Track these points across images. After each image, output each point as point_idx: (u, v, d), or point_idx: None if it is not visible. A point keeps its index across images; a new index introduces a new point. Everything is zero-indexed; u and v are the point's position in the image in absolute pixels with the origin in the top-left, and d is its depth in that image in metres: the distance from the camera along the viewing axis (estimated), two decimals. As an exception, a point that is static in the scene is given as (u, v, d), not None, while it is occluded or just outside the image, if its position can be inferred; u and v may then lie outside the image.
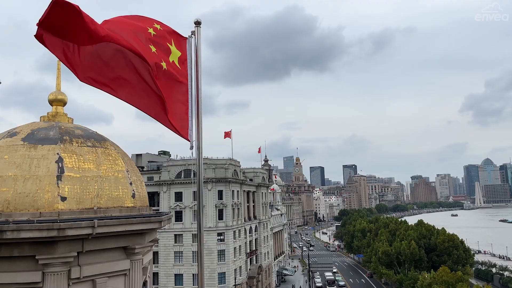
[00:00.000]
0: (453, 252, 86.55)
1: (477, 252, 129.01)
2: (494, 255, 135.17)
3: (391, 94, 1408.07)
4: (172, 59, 6.91)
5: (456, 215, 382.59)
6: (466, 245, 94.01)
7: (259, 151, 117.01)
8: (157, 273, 70.41)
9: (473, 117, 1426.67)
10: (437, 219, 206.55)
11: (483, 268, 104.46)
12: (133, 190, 9.70)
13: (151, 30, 6.75)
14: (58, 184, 8.37)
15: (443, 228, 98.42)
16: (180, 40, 7.10)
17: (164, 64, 6.68)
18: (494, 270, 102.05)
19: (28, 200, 8.15)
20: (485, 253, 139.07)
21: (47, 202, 8.20)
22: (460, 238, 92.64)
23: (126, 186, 9.51)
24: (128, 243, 9.00)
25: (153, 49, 6.63)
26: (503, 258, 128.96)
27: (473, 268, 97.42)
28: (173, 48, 6.95)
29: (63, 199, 8.33)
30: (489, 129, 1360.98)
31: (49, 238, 7.60)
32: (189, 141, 6.79)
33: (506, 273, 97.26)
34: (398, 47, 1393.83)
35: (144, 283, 10.20)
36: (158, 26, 6.89)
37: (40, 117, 10.18)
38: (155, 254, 69.29)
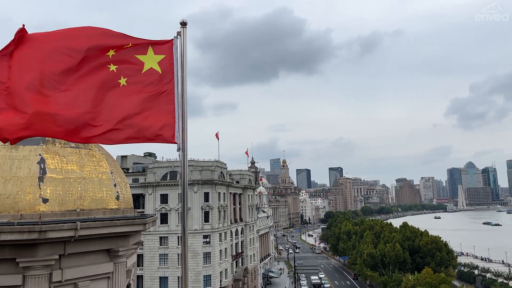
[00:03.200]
0: (436, 254, 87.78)
1: (459, 254, 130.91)
2: (476, 257, 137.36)
3: (379, 97, 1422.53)
4: (150, 66, 6.85)
5: (439, 218, 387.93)
6: (449, 247, 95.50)
7: (247, 154, 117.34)
8: (142, 276, 69.78)
9: (457, 120, 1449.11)
10: (421, 222, 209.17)
11: (466, 270, 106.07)
12: (117, 192, 9.59)
13: (110, 53, 6.66)
14: (39, 185, 8.23)
15: (426, 230, 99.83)
16: (162, 44, 7.04)
17: (123, 81, 6.63)
18: (476, 271, 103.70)
19: (8, 202, 8.00)
20: (467, 255, 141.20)
21: (28, 204, 8.06)
22: (443, 240, 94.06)
23: (110, 187, 9.41)
24: (111, 246, 8.90)
25: (112, 68, 6.59)
26: (485, 260, 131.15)
27: (456, 270, 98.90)
28: (148, 56, 6.88)
29: (45, 200, 8.19)
30: (472, 132, 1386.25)
31: (30, 240, 7.47)
32: (176, 143, 6.74)
33: (488, 275, 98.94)
34: (386, 50, 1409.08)
35: (128, 286, 10.09)
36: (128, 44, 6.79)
37: (22, 117, 10.00)
38: (140, 256, 68.66)
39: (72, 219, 8.11)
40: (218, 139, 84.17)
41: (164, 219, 72.17)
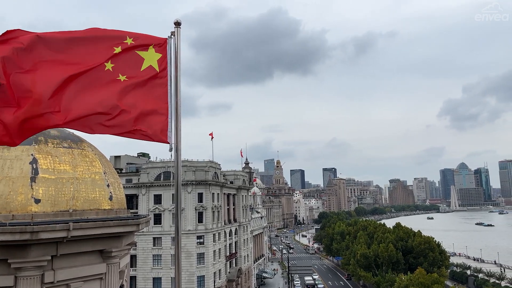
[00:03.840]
0: (429, 254, 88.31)
1: (452, 254, 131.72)
2: (468, 257, 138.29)
3: (373, 98, 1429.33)
4: (149, 64, 6.84)
5: (432, 218, 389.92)
6: (442, 247, 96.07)
7: (241, 155, 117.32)
8: (135, 276, 69.48)
9: (450, 121, 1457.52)
10: (414, 222, 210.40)
11: (458, 270, 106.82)
12: (111, 192, 9.54)
13: (118, 49, 6.65)
14: (32, 185, 8.16)
15: (419, 231, 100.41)
16: (161, 42, 7.05)
17: (122, 78, 6.62)
18: (468, 272, 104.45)
19: (0, 202, 7.92)
20: (460, 256, 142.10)
21: (20, 204, 7.99)
22: (436, 241, 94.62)
23: (103, 188, 9.35)
24: (104, 247, 8.84)
25: (108, 66, 6.56)
26: (478, 261, 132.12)
27: (449, 270, 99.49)
28: (149, 53, 6.87)
29: (37, 201, 8.12)
30: (465, 133, 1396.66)
31: (21, 241, 7.41)
32: (168, 143, 6.72)
33: (480, 275, 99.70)
34: (380, 51, 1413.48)
35: (121, 287, 10.04)
36: (130, 40, 6.77)
37: (14, 117, 9.90)
38: (133, 257, 68.37)
39: (65, 220, 8.05)
40: (212, 137, 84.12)
41: (157, 219, 71.91)
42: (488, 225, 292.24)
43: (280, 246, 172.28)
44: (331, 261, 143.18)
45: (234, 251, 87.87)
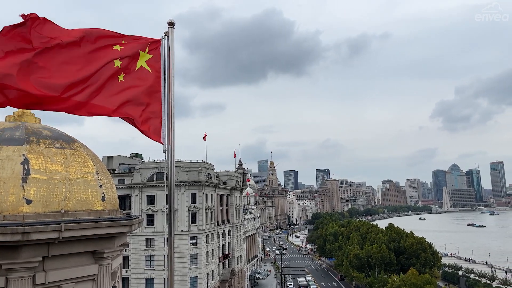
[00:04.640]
0: (421, 255, 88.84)
1: (444, 255, 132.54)
2: (460, 258, 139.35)
3: (366, 99, 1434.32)
4: (140, 65, 6.88)
5: (424, 219, 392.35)
6: (433, 248, 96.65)
7: (234, 156, 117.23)
8: (127, 278, 69.12)
9: (442, 123, 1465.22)
10: (406, 223, 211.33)
11: (450, 271, 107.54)
12: (103, 193, 9.49)
13: (117, 47, 6.74)
14: (23, 186, 8.10)
15: (411, 232, 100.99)
16: (153, 43, 7.05)
17: (121, 77, 6.70)
18: (460, 272, 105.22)
19: (-9, 203, 7.84)
20: (451, 256, 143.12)
21: (11, 205, 7.92)
22: (428, 242, 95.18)
23: (96, 188, 9.30)
24: (96, 248, 8.79)
25: (117, 63, 6.69)
26: (469, 261, 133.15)
27: (440, 271, 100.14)
28: (142, 53, 6.91)
29: (29, 202, 8.06)
30: (457, 135, 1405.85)
31: (12, 242, 7.35)
32: (162, 143, 6.73)
33: (472, 276, 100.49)
34: (374, 52, 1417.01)
35: (113, 288, 9.98)
36: (122, 41, 6.86)
37: (6, 116, 9.84)
38: (126, 258, 68.00)
39: (56, 221, 7.99)
40: (205, 137, 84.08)
41: (150, 220, 71.64)
42: (480, 226, 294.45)
43: (273, 247, 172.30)
44: (324, 262, 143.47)
45: (227, 252, 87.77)
